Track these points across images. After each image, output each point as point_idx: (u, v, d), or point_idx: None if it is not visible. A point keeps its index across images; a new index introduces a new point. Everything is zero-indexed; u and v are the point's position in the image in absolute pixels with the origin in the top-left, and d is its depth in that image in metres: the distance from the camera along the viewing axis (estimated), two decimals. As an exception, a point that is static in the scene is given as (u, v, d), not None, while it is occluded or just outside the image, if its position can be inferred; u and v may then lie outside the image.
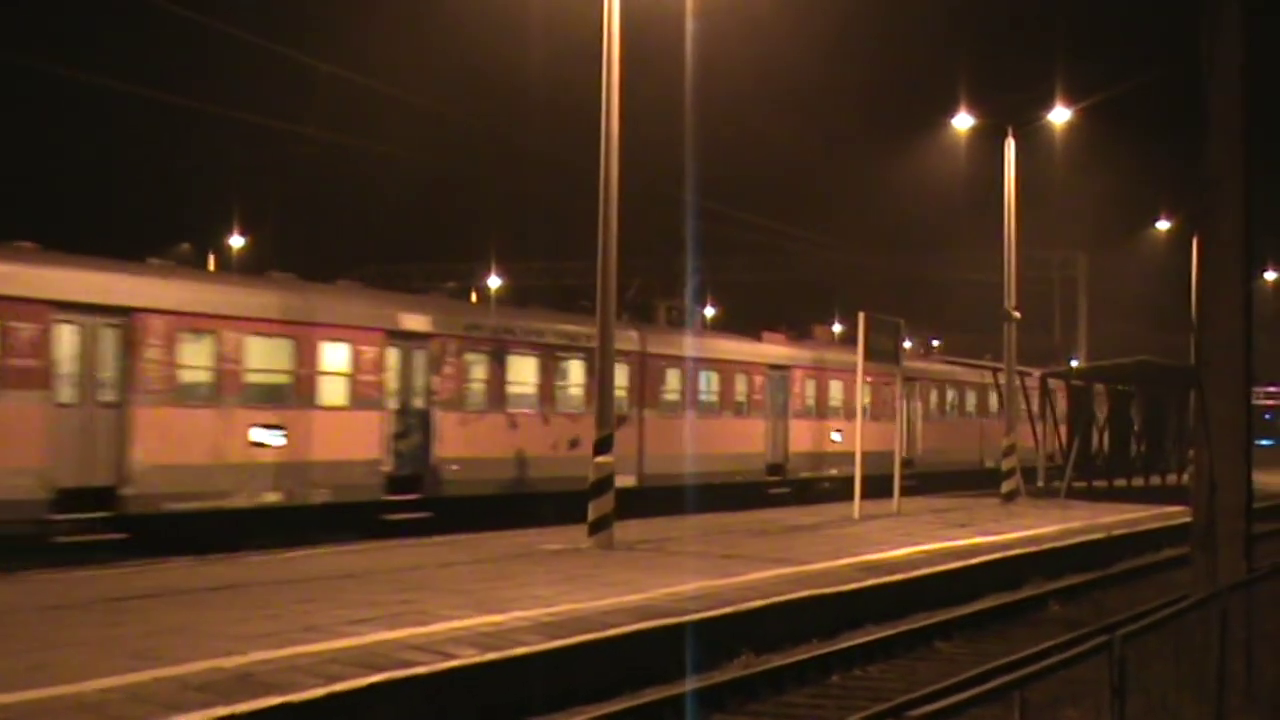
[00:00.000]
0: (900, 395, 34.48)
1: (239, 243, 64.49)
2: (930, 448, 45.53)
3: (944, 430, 46.88)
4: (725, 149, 66.11)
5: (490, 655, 12.21)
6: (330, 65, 26.55)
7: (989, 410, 47.90)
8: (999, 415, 40.51)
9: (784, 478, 38.04)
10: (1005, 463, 36.16)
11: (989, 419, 47.35)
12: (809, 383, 39.44)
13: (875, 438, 35.37)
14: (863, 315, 28.63)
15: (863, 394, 39.32)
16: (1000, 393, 40.42)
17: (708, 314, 70.28)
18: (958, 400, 48.56)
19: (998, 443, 37.29)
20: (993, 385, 44.23)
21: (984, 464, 46.09)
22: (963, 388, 48.41)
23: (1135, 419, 47.99)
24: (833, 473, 38.92)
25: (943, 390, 47.52)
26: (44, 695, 9.87)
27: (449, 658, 11.91)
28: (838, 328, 57.49)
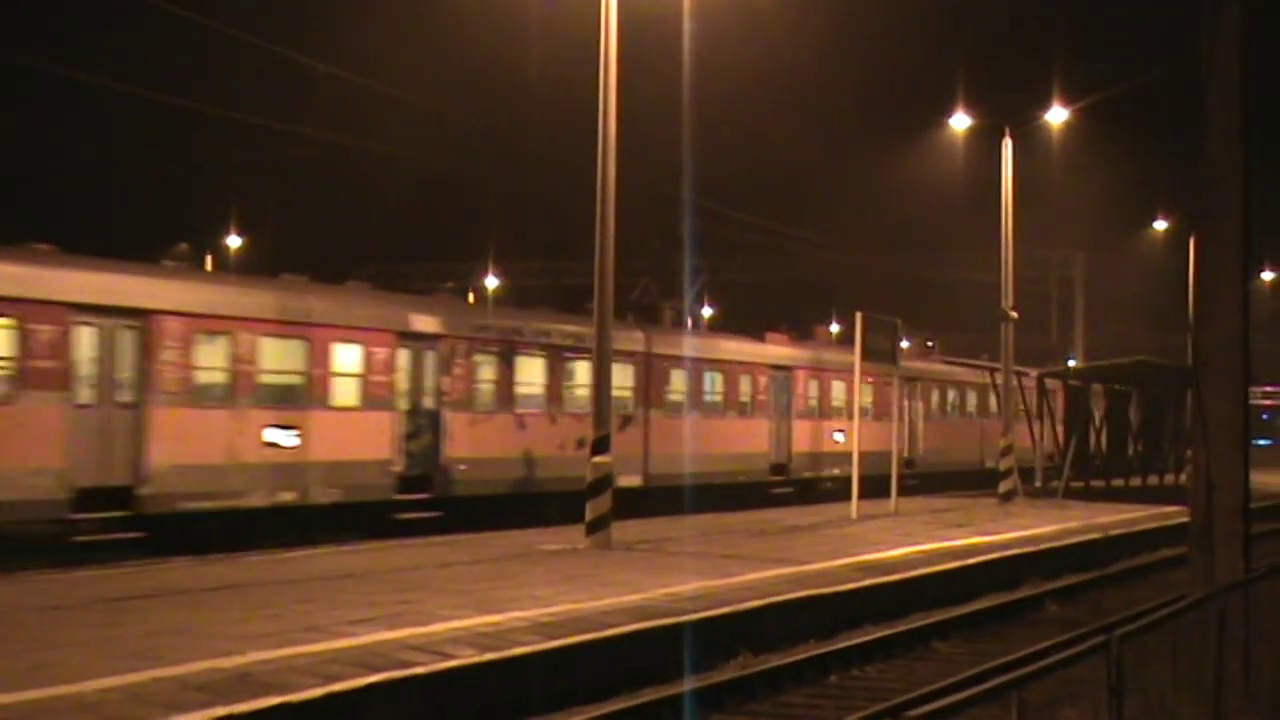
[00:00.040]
0: (902, 395, 34.45)
1: (237, 243, 64.44)
2: (931, 448, 45.60)
3: (945, 430, 46.91)
4: (723, 149, 66.22)
5: (489, 655, 12.22)
6: (328, 65, 26.58)
7: (990, 410, 47.90)
8: (999, 415, 40.53)
9: (787, 477, 38.13)
10: (1002, 463, 36.19)
11: (990, 419, 47.34)
12: (812, 383, 39.50)
13: (877, 438, 35.41)
14: (860, 315, 28.62)
15: (864, 394, 39.47)
16: (998, 393, 40.44)
17: (705, 314, 70.17)
18: (958, 400, 48.56)
19: (998, 443, 37.33)
20: (992, 385, 44.25)
21: (984, 464, 46.09)
22: (963, 388, 48.42)
23: (1133, 419, 48.03)
24: (835, 472, 38.92)
25: (944, 390, 47.54)
26: (44, 695, 9.89)
27: (447, 658, 11.93)
28: (835, 328, 57.47)
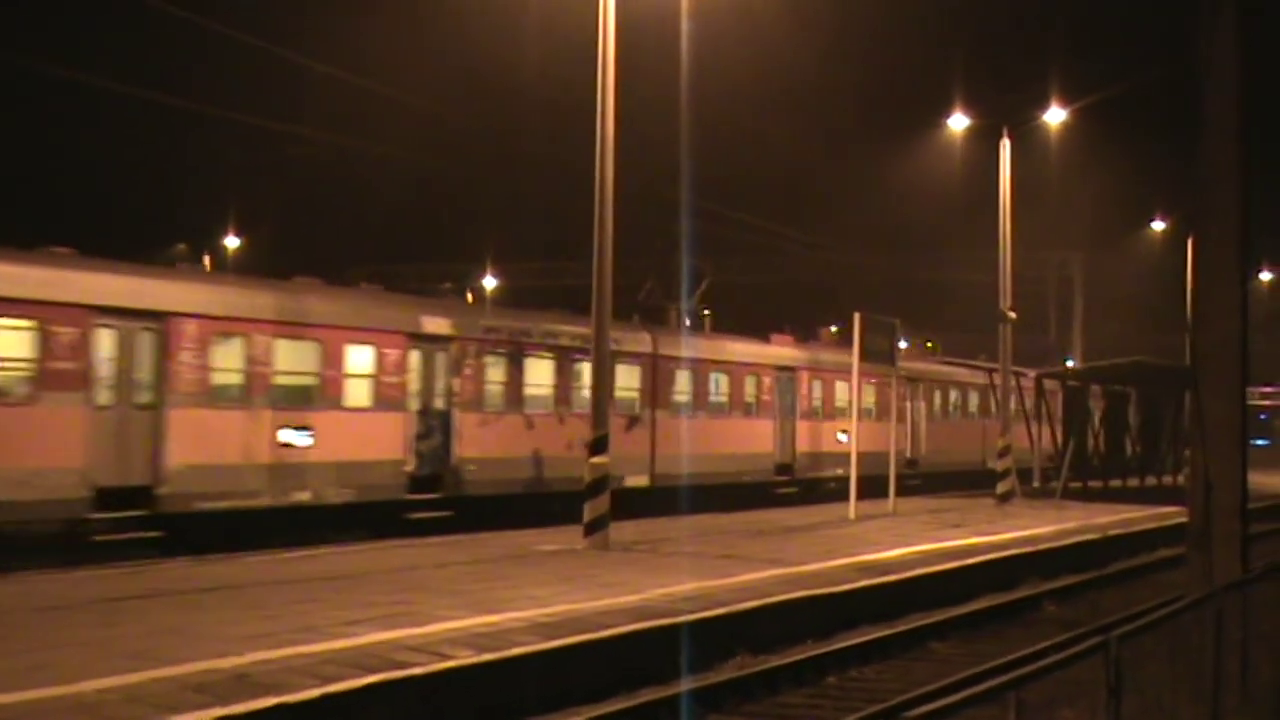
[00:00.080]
0: (904, 396, 34.41)
1: (235, 244, 64.39)
2: (934, 448, 45.76)
3: (948, 431, 47.08)
4: (722, 150, 65.98)
5: (486, 656, 12.22)
6: (326, 66, 26.64)
7: (991, 411, 48.00)
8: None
9: (792, 478, 38.30)
10: (1000, 463, 36.22)
11: (991, 420, 47.45)
12: (815, 384, 39.62)
13: (879, 438, 35.45)
14: (858, 316, 28.63)
15: (866, 395, 39.56)
16: (996, 393, 40.49)
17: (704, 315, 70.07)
18: (960, 401, 48.68)
19: (996, 443, 37.36)
20: (990, 386, 44.28)
21: (986, 464, 46.16)
22: (965, 389, 48.50)
23: (1131, 420, 48.05)
24: (839, 472, 38.99)
25: (945, 391, 47.69)
26: (41, 695, 9.88)
27: (445, 658, 11.92)
28: (833, 328, 57.44)
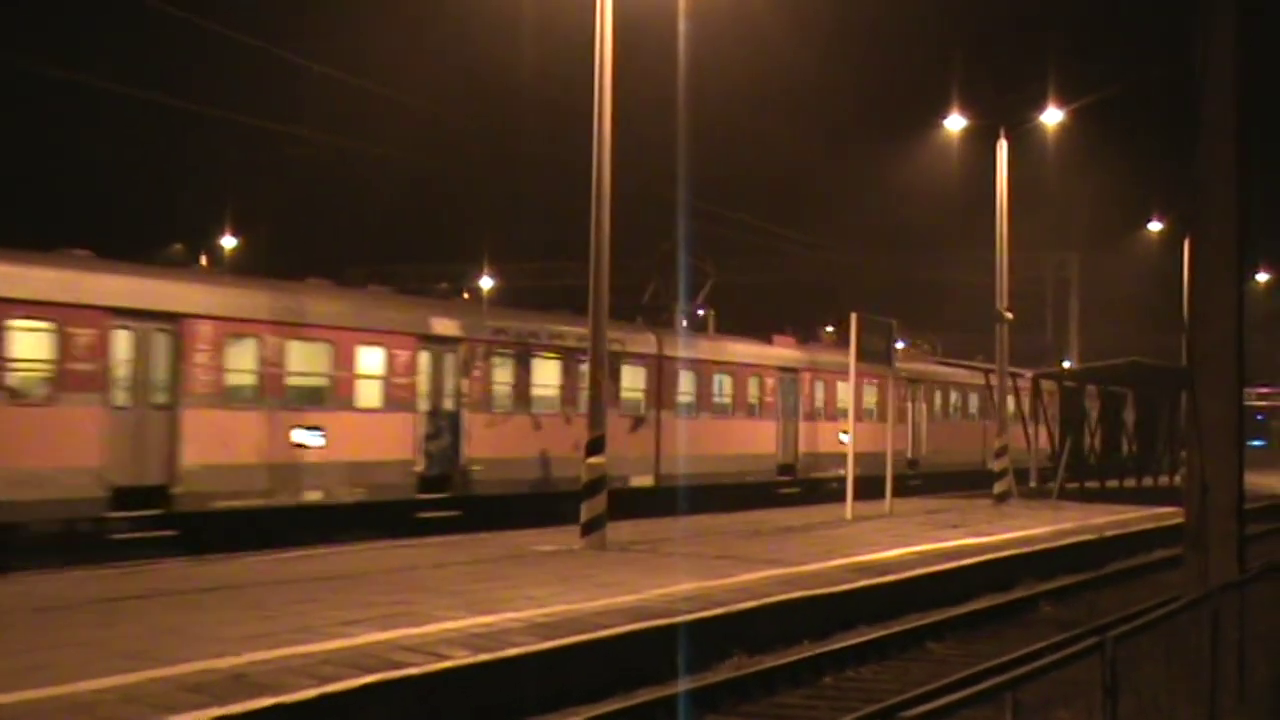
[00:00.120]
0: (905, 397, 34.40)
1: (231, 244, 64.32)
2: (934, 448, 45.91)
3: (948, 431, 47.24)
4: (720, 150, 66.04)
5: (483, 656, 12.22)
6: (324, 66, 26.61)
7: (992, 412, 48.10)
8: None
9: (794, 478, 38.45)
10: (997, 464, 36.25)
11: (992, 420, 47.54)
12: (818, 385, 39.73)
13: (881, 439, 35.51)
14: (855, 316, 28.64)
15: (867, 396, 39.62)
16: (993, 394, 40.52)
17: (700, 315, 70.03)
18: (961, 402, 48.81)
19: (993, 444, 37.39)
20: (987, 386, 44.30)
21: (986, 465, 46.25)
22: (965, 390, 48.60)
23: (1127, 420, 48.07)
24: (840, 473, 39.10)
25: (946, 392, 47.85)
26: (38, 696, 9.87)
27: (442, 659, 11.92)
28: (829, 329, 57.41)
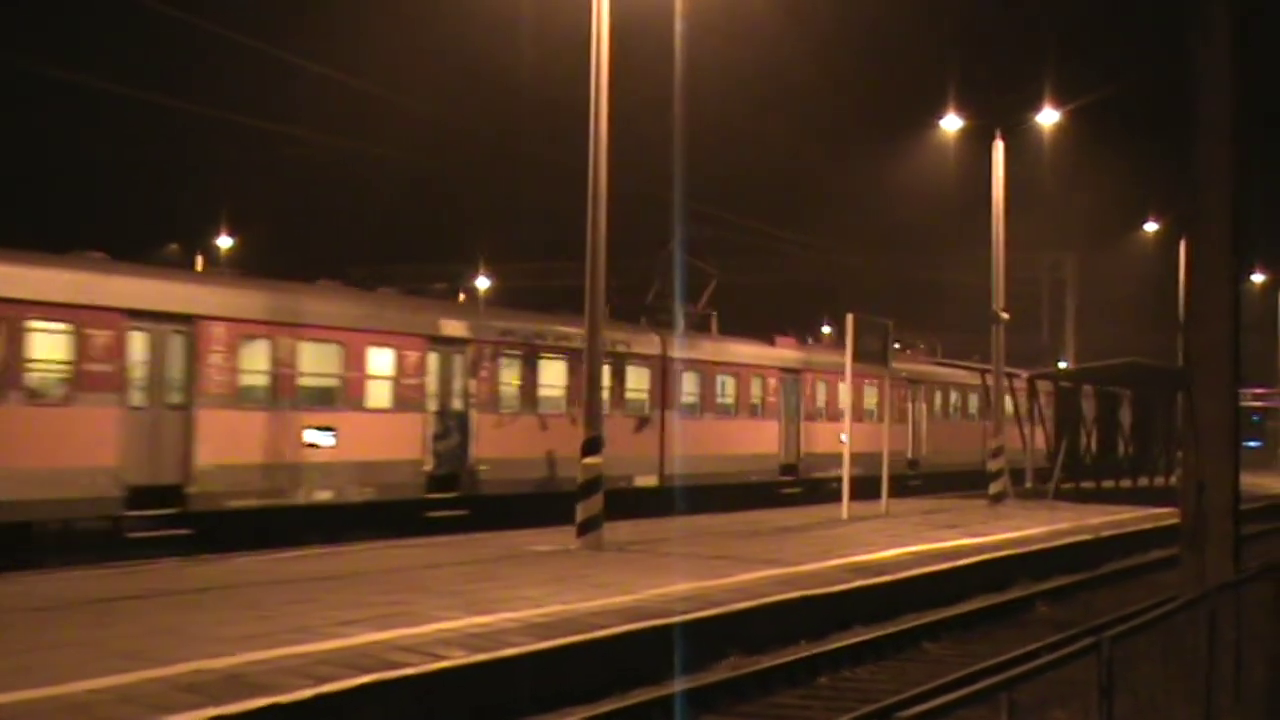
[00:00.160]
0: (905, 398, 34.39)
1: (228, 243, 64.24)
2: (934, 449, 46.09)
3: (949, 432, 47.44)
4: (719, 150, 66.01)
5: (479, 656, 12.21)
6: (321, 67, 26.68)
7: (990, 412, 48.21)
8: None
9: (796, 478, 38.58)
10: (992, 464, 36.25)
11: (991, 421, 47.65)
12: (820, 385, 39.80)
13: (882, 439, 35.56)
14: (851, 317, 28.67)
15: (868, 396, 39.64)
16: (989, 394, 40.55)
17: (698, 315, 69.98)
18: (960, 402, 48.96)
19: (990, 444, 37.43)
20: (983, 387, 44.34)
21: (986, 465, 46.37)
22: (965, 390, 48.71)
23: (1123, 420, 48.07)
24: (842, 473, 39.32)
25: (946, 393, 48.03)
26: (33, 696, 9.85)
27: (438, 659, 11.91)
28: (825, 329, 57.51)
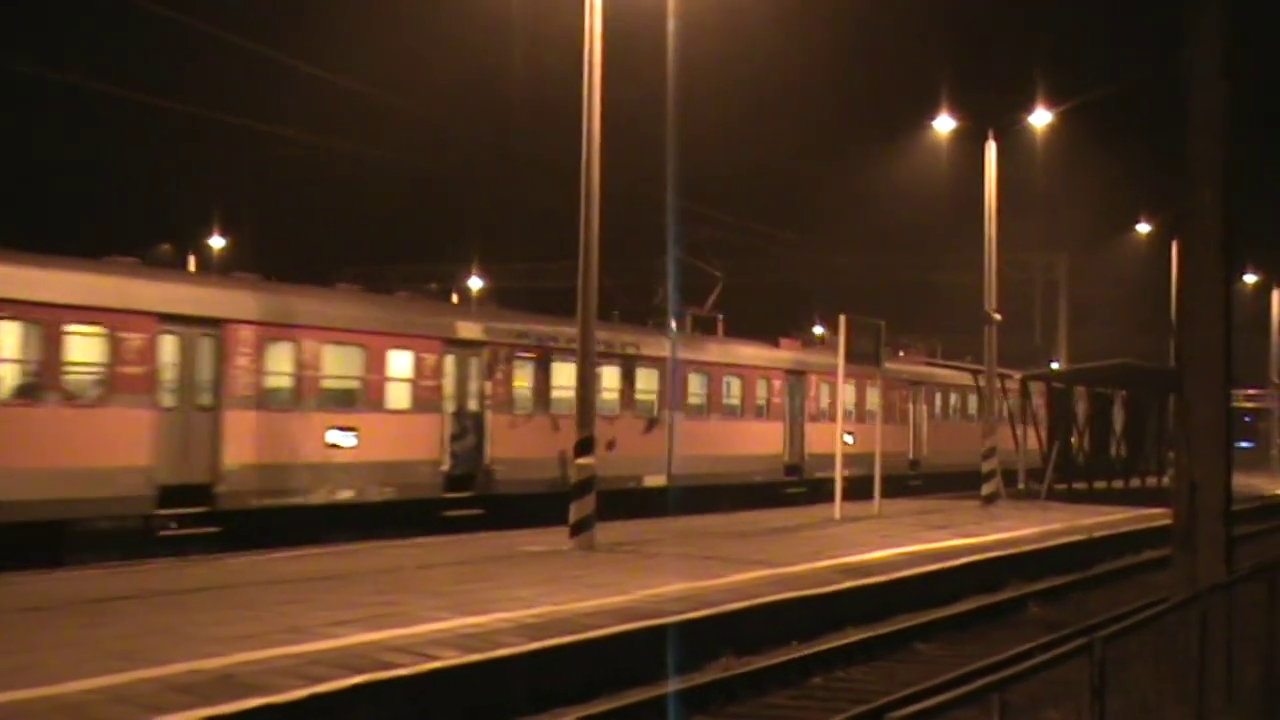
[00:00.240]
0: (906, 398, 34.46)
1: (220, 244, 64.14)
2: (935, 449, 46.33)
3: (948, 432, 47.66)
4: (716, 151, 66.01)
5: (472, 657, 12.21)
6: (312, 67, 26.72)
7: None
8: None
9: (800, 478, 38.75)
10: (985, 465, 36.29)
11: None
12: (823, 387, 39.92)
13: (884, 440, 35.62)
14: (844, 318, 28.73)
15: (870, 398, 39.70)
16: (982, 395, 40.64)
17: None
18: (960, 404, 49.17)
19: (984, 445, 37.52)
20: (976, 388, 44.43)
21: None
22: (965, 391, 48.89)
23: (1116, 421, 48.16)
24: (845, 473, 39.34)
25: (946, 394, 48.26)
26: (25, 696, 9.85)
27: (431, 659, 11.91)
28: (817, 330, 57.45)
